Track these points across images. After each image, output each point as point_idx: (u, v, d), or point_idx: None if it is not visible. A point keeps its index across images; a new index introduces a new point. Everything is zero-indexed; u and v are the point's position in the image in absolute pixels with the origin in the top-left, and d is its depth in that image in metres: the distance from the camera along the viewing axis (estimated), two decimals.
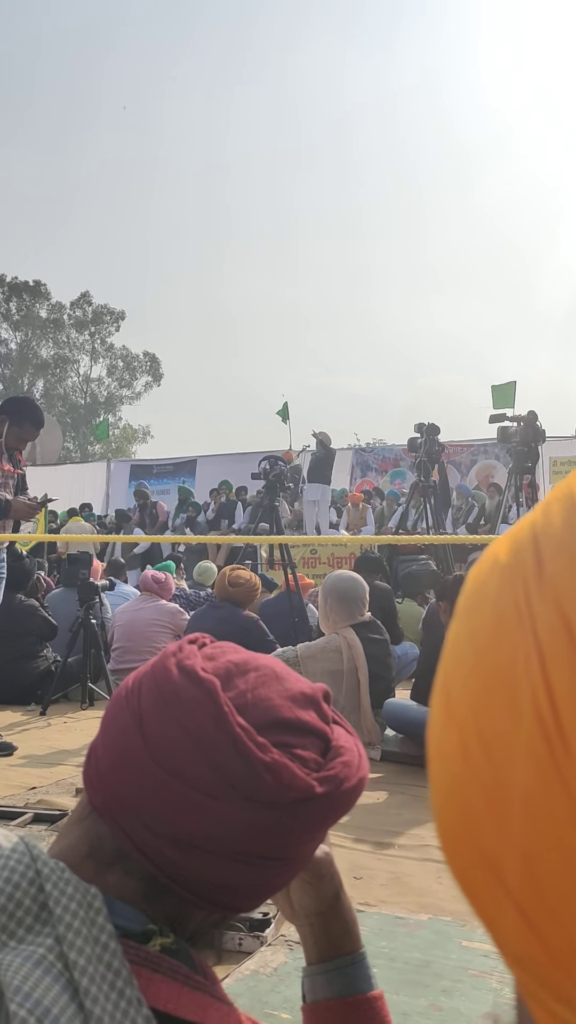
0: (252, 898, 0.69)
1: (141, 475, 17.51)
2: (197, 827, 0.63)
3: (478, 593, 0.33)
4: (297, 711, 0.68)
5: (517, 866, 0.28)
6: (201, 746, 0.63)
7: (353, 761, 0.69)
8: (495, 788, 0.29)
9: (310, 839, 0.69)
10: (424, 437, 8.11)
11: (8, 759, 3.98)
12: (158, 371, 41.59)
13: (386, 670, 4.13)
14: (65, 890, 0.60)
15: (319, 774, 0.66)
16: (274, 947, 1.90)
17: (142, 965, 0.61)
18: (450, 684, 0.33)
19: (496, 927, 0.30)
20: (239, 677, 0.68)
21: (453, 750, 0.31)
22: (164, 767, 0.64)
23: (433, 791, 0.34)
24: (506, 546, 0.33)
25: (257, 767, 0.63)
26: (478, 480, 14.24)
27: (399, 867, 2.54)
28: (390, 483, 15.52)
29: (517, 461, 8.24)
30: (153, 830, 0.64)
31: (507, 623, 0.30)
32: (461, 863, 0.31)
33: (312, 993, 0.81)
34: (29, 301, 40.09)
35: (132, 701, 0.68)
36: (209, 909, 0.68)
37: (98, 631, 5.37)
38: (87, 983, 0.56)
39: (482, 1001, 1.69)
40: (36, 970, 0.55)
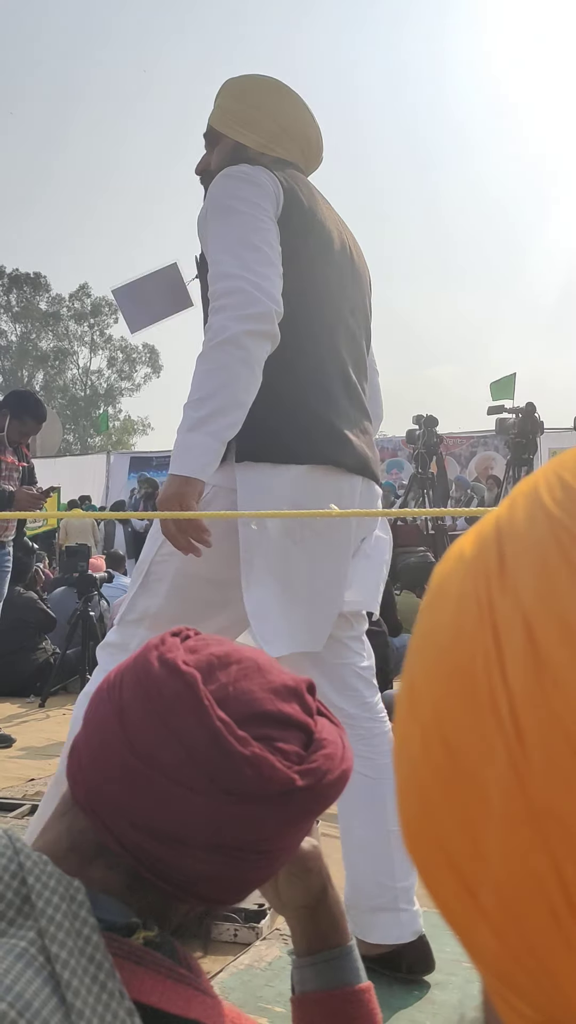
0: (235, 891, 0.68)
1: (141, 467, 17.51)
2: (177, 821, 0.63)
3: (441, 588, 0.33)
4: (279, 703, 0.68)
5: (476, 864, 0.28)
6: (181, 740, 0.63)
7: (336, 753, 0.69)
8: (456, 786, 0.29)
9: (293, 832, 0.68)
10: (422, 429, 8.10)
11: (7, 751, 3.99)
12: (157, 362, 41.59)
13: (383, 661, 4.14)
14: (48, 883, 0.60)
15: (300, 767, 0.66)
16: (269, 941, 1.90)
17: (125, 958, 0.61)
18: (413, 679, 0.32)
19: (456, 922, 0.30)
20: (221, 670, 0.68)
21: (415, 747, 0.31)
22: (144, 760, 0.64)
23: (397, 779, 0.34)
24: (471, 541, 0.33)
25: (237, 761, 0.63)
26: (477, 472, 14.24)
27: None
28: (386, 473, 15.51)
29: (516, 453, 8.24)
30: (134, 824, 0.64)
31: (467, 619, 0.30)
32: (423, 854, 0.31)
33: (301, 985, 0.81)
34: (29, 293, 40.06)
35: (114, 694, 0.68)
36: (192, 902, 0.68)
37: (96, 623, 5.37)
38: (68, 976, 0.56)
39: (475, 994, 1.69)
40: (17, 963, 0.55)
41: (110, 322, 41.25)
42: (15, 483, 4.40)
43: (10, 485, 4.34)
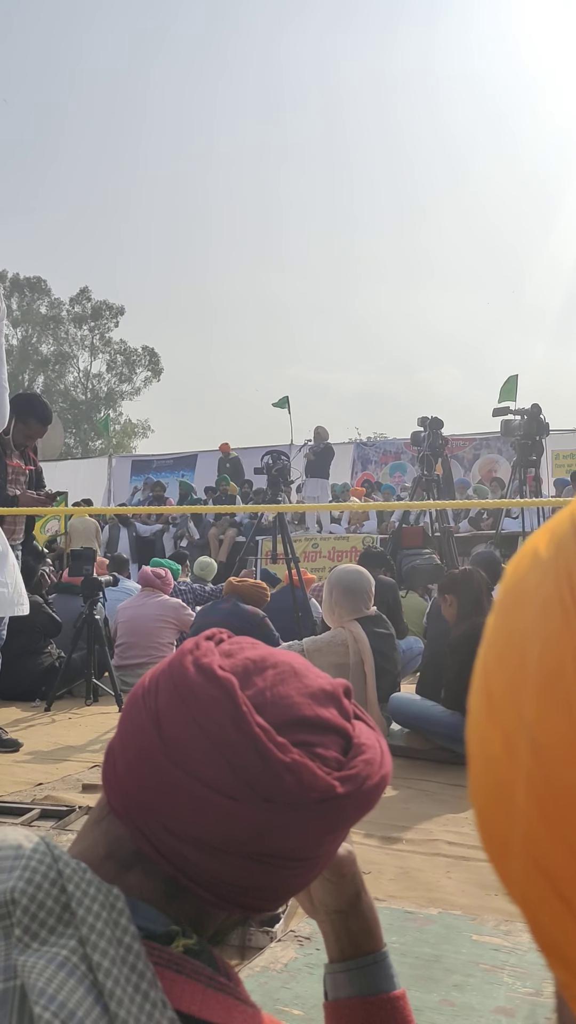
0: (273, 899, 0.68)
1: (142, 470, 17.52)
2: (216, 828, 0.62)
3: (518, 589, 0.32)
4: (317, 708, 0.67)
5: (568, 866, 0.28)
6: (219, 746, 0.62)
7: (375, 759, 0.68)
8: (546, 791, 0.28)
9: (332, 839, 0.68)
10: (427, 431, 8.09)
11: (14, 755, 3.98)
12: (157, 366, 41.61)
13: (392, 664, 4.13)
14: (88, 891, 0.60)
15: (340, 773, 0.65)
16: (284, 943, 1.89)
17: (165, 967, 0.61)
18: (492, 684, 0.32)
19: (547, 932, 0.29)
20: (257, 675, 0.67)
21: (498, 752, 0.30)
22: (182, 768, 0.63)
23: (475, 794, 0.33)
24: (546, 540, 0.32)
25: (277, 768, 0.62)
26: (481, 475, 14.23)
27: (407, 862, 2.54)
28: (389, 475, 15.51)
29: (521, 455, 8.23)
30: (171, 831, 0.63)
31: (552, 620, 0.29)
32: (510, 869, 0.31)
33: (334, 991, 0.80)
34: (30, 297, 40.10)
35: (149, 700, 0.66)
36: (230, 910, 0.67)
37: (102, 627, 5.37)
38: (111, 985, 0.55)
39: (494, 996, 1.69)
40: (60, 972, 0.55)
41: (110, 326, 41.30)
42: (22, 487, 4.36)
43: (17, 489, 4.31)
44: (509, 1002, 1.66)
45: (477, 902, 2.20)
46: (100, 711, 5.09)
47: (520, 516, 9.18)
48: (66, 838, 2.44)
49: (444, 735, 3.71)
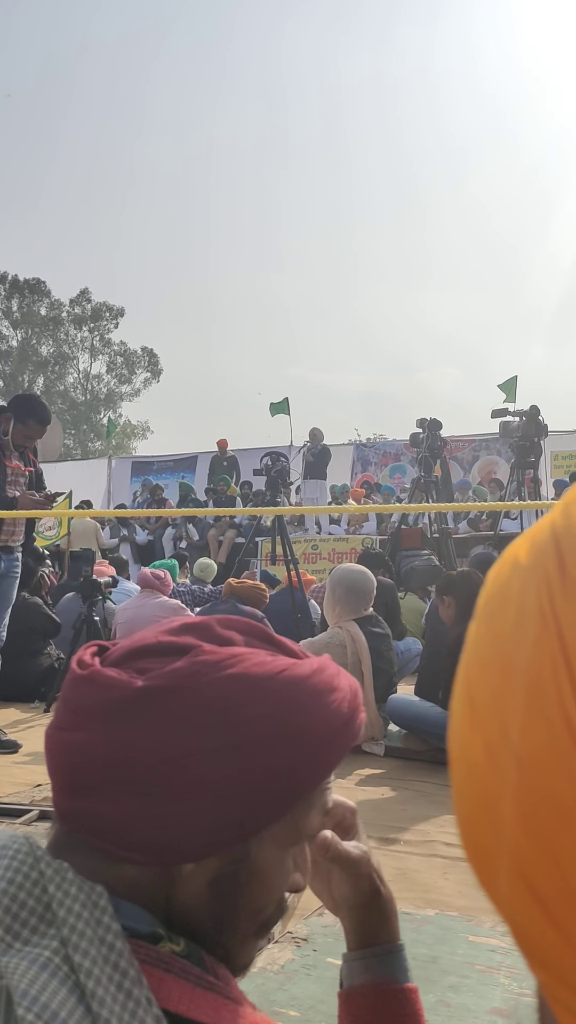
0: (180, 840, 0.63)
1: (142, 471, 17.51)
2: (77, 768, 0.64)
3: (499, 596, 0.33)
4: (163, 638, 0.68)
5: (551, 879, 0.28)
6: (64, 697, 0.67)
7: (210, 659, 0.64)
8: (526, 799, 0.28)
9: (169, 750, 0.62)
10: (426, 432, 8.09)
11: (13, 756, 3.99)
12: (157, 367, 41.63)
13: (388, 663, 4.14)
14: (68, 891, 0.60)
15: (149, 674, 0.64)
16: (281, 944, 1.90)
17: (154, 965, 0.61)
18: (473, 690, 0.32)
19: (526, 936, 0.30)
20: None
21: (479, 758, 0.31)
22: (53, 727, 0.67)
23: (458, 799, 0.33)
24: (526, 547, 0.33)
25: (80, 684, 0.65)
26: (480, 476, 14.22)
27: (404, 863, 2.54)
28: (389, 477, 15.51)
29: (519, 456, 8.22)
30: (59, 788, 0.66)
31: (531, 627, 0.29)
32: (491, 874, 0.31)
33: (349, 979, 0.82)
34: (30, 299, 40.11)
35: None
36: (146, 860, 0.63)
37: (101, 628, 5.37)
38: (93, 985, 0.56)
39: (489, 996, 1.69)
40: (43, 973, 0.55)
41: (110, 327, 41.32)
42: (21, 488, 4.34)
43: (16, 490, 4.30)
44: (505, 1003, 1.67)
45: (474, 903, 2.20)
46: None
47: (519, 517, 9.18)
48: None
49: (441, 736, 3.72)
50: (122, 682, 0.64)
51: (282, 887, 0.69)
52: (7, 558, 4.44)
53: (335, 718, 0.67)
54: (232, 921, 0.67)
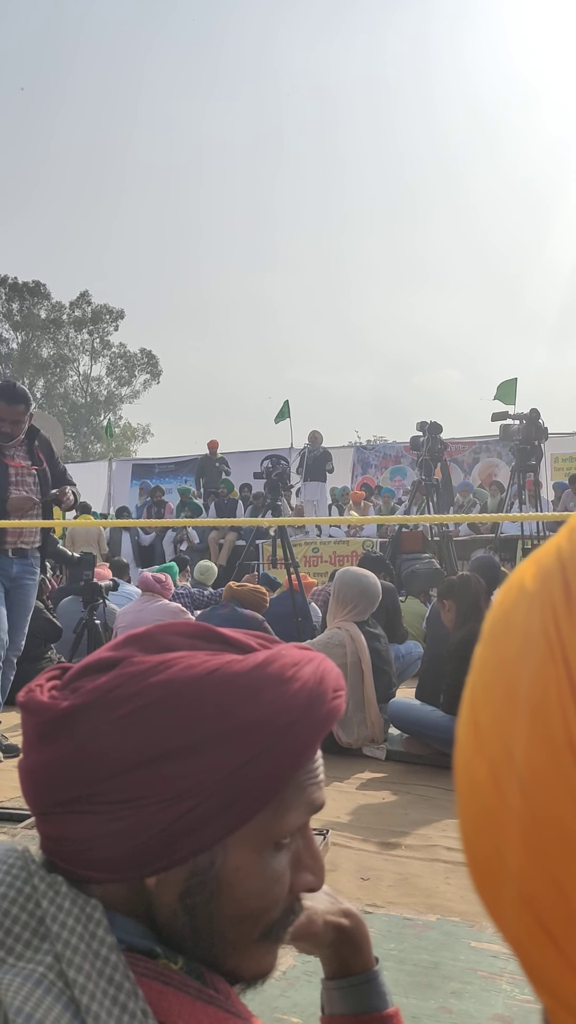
0: (131, 857, 0.61)
1: (143, 474, 17.51)
2: (28, 795, 0.64)
3: (505, 620, 0.33)
4: (103, 653, 0.67)
5: (555, 904, 0.28)
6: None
7: (136, 670, 0.63)
8: (530, 823, 0.28)
9: (99, 768, 0.61)
10: (426, 435, 8.10)
11: (13, 761, 3.98)
12: (156, 368, 41.64)
13: (387, 664, 4.15)
14: (62, 905, 0.60)
15: (67, 692, 0.64)
16: (283, 950, 1.90)
17: (152, 978, 0.60)
18: (478, 713, 0.32)
19: (530, 961, 0.30)
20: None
21: (483, 782, 0.31)
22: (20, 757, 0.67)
23: (462, 821, 0.33)
24: (532, 571, 0.33)
25: (21, 713, 0.65)
26: (481, 478, 14.23)
27: (406, 868, 2.54)
28: (389, 479, 15.52)
29: (520, 459, 8.23)
30: (36, 813, 0.65)
31: (536, 653, 0.30)
32: (494, 897, 0.31)
33: (329, 1006, 0.82)
34: (30, 302, 40.14)
35: None
36: (109, 878, 0.63)
37: (102, 632, 5.37)
38: (87, 1001, 0.55)
39: (492, 1003, 1.69)
40: (37, 990, 0.55)
41: (110, 329, 41.33)
42: (30, 488, 4.12)
43: (23, 491, 4.08)
44: (507, 1009, 1.67)
45: (476, 908, 2.20)
46: None
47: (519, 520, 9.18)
48: None
49: (443, 740, 3.72)
50: (49, 705, 0.63)
51: (272, 891, 0.65)
52: (20, 563, 4.20)
53: (283, 712, 0.62)
54: (214, 933, 0.64)
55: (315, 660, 0.68)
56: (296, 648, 0.68)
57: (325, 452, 12.89)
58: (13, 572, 4.17)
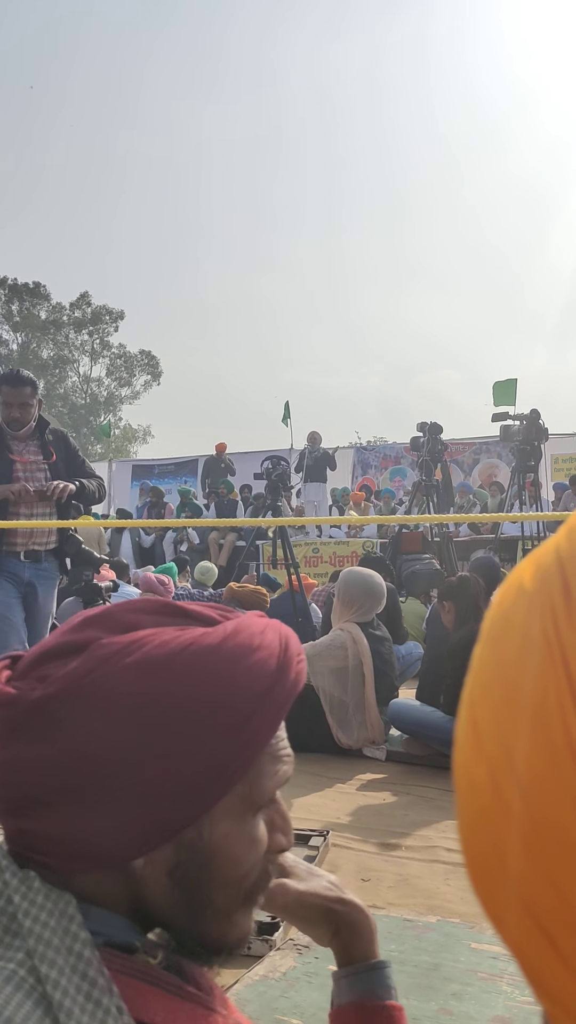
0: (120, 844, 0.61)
1: (143, 475, 17.52)
2: (12, 786, 0.61)
3: (504, 620, 0.32)
4: (63, 637, 0.65)
5: (555, 908, 0.27)
6: None
7: (107, 652, 0.61)
8: (529, 826, 0.28)
9: (84, 758, 0.60)
10: (426, 436, 8.10)
11: None
12: (156, 369, 41.65)
13: (389, 667, 4.15)
14: (35, 900, 0.59)
15: (45, 681, 0.61)
16: (283, 951, 1.89)
17: (130, 975, 0.60)
18: (477, 714, 0.32)
19: (531, 965, 0.29)
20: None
21: (482, 783, 0.31)
22: None
23: (461, 823, 0.33)
24: (531, 571, 0.32)
25: None
26: (481, 479, 14.23)
27: (406, 868, 2.54)
28: (389, 480, 15.53)
29: (520, 460, 8.23)
30: (5, 809, 0.63)
31: (536, 654, 0.29)
32: (493, 900, 0.31)
33: (337, 998, 0.82)
34: (30, 303, 40.17)
35: None
36: (95, 866, 0.62)
37: None
38: (60, 996, 0.55)
39: (492, 1004, 1.69)
40: (7, 987, 0.54)
41: (110, 330, 41.34)
42: (40, 484, 3.88)
43: (33, 486, 3.86)
44: (507, 1011, 1.66)
45: (476, 910, 2.20)
46: None
47: (519, 520, 9.18)
48: None
49: (443, 741, 3.71)
50: (19, 696, 0.61)
51: (254, 855, 0.66)
52: (32, 567, 3.93)
53: (259, 680, 0.63)
54: (205, 904, 0.64)
55: (273, 625, 0.69)
56: (254, 616, 0.69)
57: (325, 452, 12.91)
58: (26, 577, 3.91)
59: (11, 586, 3.90)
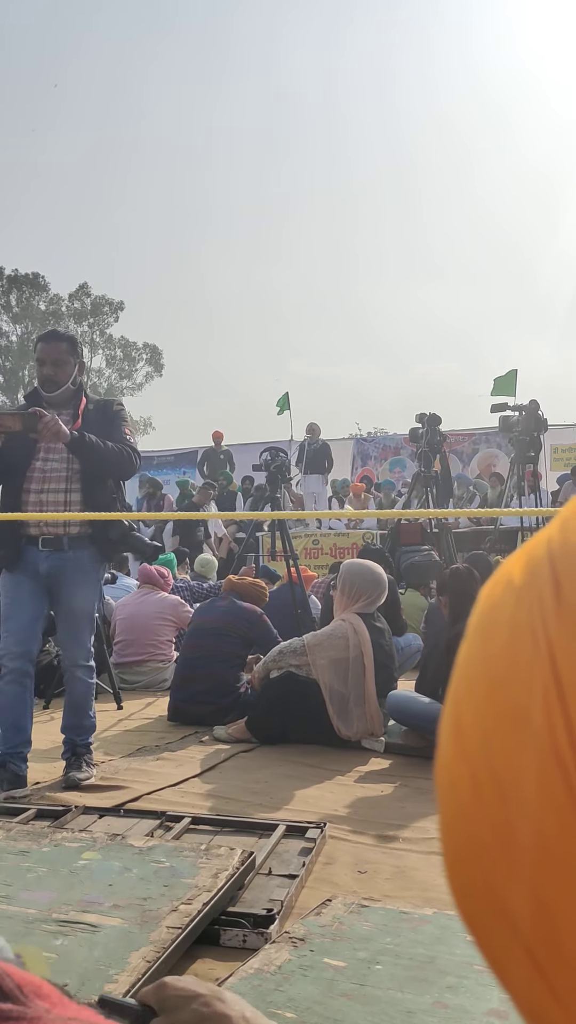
0: None
1: (143, 467, 17.48)
2: None
3: (491, 615, 0.31)
4: None
5: (529, 911, 0.26)
6: None
7: None
8: (506, 827, 0.27)
9: None
10: (426, 427, 8.08)
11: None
12: (159, 361, 41.60)
13: (389, 659, 4.14)
14: None
15: None
16: (278, 945, 1.89)
17: None
18: (461, 712, 0.31)
19: (504, 972, 0.28)
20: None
21: (463, 782, 0.29)
22: None
23: (441, 821, 0.32)
24: (520, 564, 0.31)
25: None
26: (480, 469, 14.22)
27: (404, 860, 2.53)
28: (389, 471, 15.52)
29: (519, 450, 8.21)
30: None
31: (522, 650, 0.28)
32: (468, 901, 0.30)
33: None
34: (28, 294, 40.10)
35: None
36: None
37: (101, 625, 5.36)
38: None
39: (487, 997, 1.68)
40: None
41: (110, 321, 41.27)
42: (62, 459, 3.44)
43: (52, 462, 3.44)
44: (503, 1004, 1.66)
45: None
46: (98, 709, 5.06)
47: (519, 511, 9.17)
48: (61, 835, 2.43)
49: None
50: None
51: None
52: (53, 556, 3.38)
53: None
54: None
55: None
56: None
57: (324, 445, 12.90)
58: (43, 568, 3.38)
59: (26, 580, 3.39)
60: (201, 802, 3.10)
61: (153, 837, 2.53)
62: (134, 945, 1.80)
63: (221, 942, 2.00)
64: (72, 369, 3.48)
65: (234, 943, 1.99)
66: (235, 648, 4.60)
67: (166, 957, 1.77)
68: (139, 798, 3.15)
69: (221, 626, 4.62)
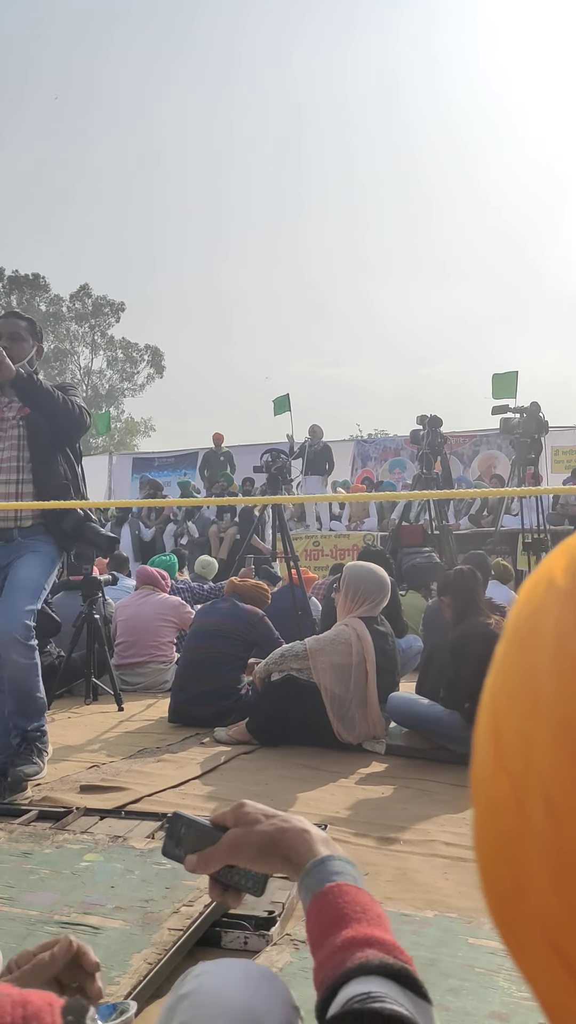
0: None
1: (143, 468, 17.51)
2: None
3: (533, 621, 0.29)
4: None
5: (567, 918, 0.25)
6: None
7: None
8: (557, 851, 0.26)
9: None
10: (426, 429, 8.09)
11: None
12: (160, 363, 41.60)
13: (392, 664, 4.14)
14: None
15: None
16: (279, 946, 1.89)
17: None
18: (500, 725, 0.29)
19: (553, 1005, 0.27)
20: None
21: (504, 801, 0.28)
22: None
23: (478, 842, 0.30)
24: (563, 564, 0.29)
25: None
26: (480, 471, 14.22)
27: (405, 863, 2.53)
28: (389, 472, 15.53)
29: (520, 452, 8.21)
30: None
31: (570, 661, 0.26)
32: (512, 930, 0.28)
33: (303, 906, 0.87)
34: (29, 294, 40.10)
35: None
36: None
37: (101, 626, 5.36)
38: None
39: (489, 1000, 1.68)
40: None
41: (111, 322, 41.27)
42: (13, 442, 3.41)
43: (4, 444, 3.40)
44: (504, 1007, 1.66)
45: (474, 904, 2.19)
46: (99, 710, 5.08)
47: (519, 513, 9.17)
48: (63, 837, 2.43)
49: (443, 734, 3.71)
50: None
51: None
52: (2, 550, 3.37)
53: None
54: None
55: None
56: None
57: (326, 447, 12.91)
58: None
59: None
60: (202, 804, 3.10)
61: (154, 839, 2.53)
62: (136, 947, 1.80)
63: (222, 944, 2.00)
64: (30, 348, 3.45)
65: (235, 945, 1.99)
66: (236, 650, 4.60)
67: (168, 959, 1.77)
68: (140, 800, 3.15)
69: (223, 628, 4.62)
